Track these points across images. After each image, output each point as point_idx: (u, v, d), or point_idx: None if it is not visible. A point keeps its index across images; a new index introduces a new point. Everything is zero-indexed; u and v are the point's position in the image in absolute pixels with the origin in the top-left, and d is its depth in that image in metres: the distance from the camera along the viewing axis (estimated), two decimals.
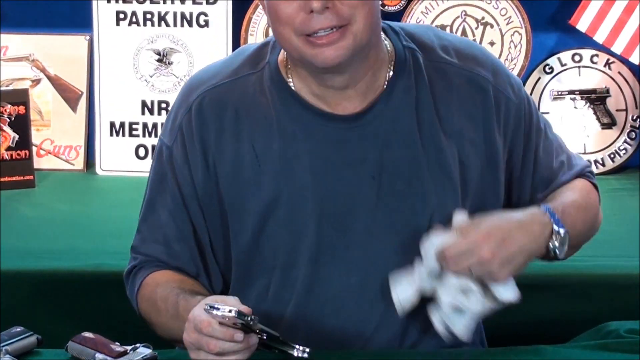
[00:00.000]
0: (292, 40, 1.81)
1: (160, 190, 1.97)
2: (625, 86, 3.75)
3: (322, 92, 1.90)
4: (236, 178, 1.92)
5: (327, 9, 1.76)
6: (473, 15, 3.66)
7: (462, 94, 1.94)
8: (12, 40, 3.76)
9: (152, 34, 3.67)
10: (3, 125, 3.53)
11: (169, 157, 1.96)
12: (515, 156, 1.99)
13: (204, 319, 1.63)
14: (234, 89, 1.94)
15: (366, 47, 1.85)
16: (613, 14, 3.51)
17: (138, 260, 1.98)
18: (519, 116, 1.98)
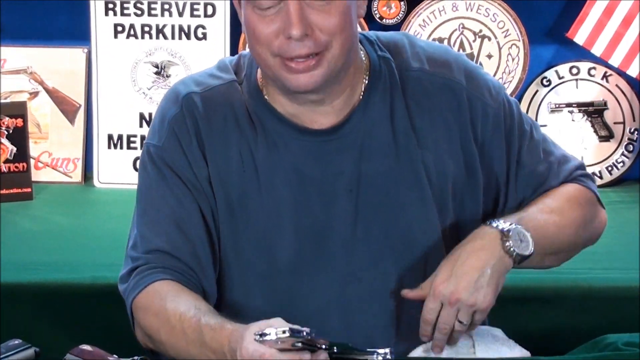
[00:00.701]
0: (268, 60, 1.82)
1: (158, 189, 1.93)
2: (623, 99, 3.76)
3: (295, 110, 1.90)
4: (224, 180, 1.91)
5: (306, 36, 1.76)
6: (471, 28, 3.67)
7: (435, 101, 1.93)
8: (11, 53, 3.77)
9: (150, 47, 3.68)
10: (1, 137, 3.53)
11: (160, 157, 1.92)
12: (497, 161, 1.97)
13: (263, 352, 1.55)
14: (221, 94, 1.94)
15: (341, 71, 1.85)
16: (610, 27, 3.52)
17: (140, 260, 1.90)
18: (497, 120, 1.96)
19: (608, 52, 3.54)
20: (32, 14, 3.81)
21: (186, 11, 3.65)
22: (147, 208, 1.94)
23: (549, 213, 1.92)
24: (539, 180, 1.99)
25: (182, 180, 1.91)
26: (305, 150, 1.89)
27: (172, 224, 1.90)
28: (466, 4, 3.66)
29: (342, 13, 1.79)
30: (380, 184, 1.90)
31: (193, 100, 1.92)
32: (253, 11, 1.79)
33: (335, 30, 1.78)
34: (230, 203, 1.92)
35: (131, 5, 3.65)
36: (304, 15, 1.75)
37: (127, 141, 3.69)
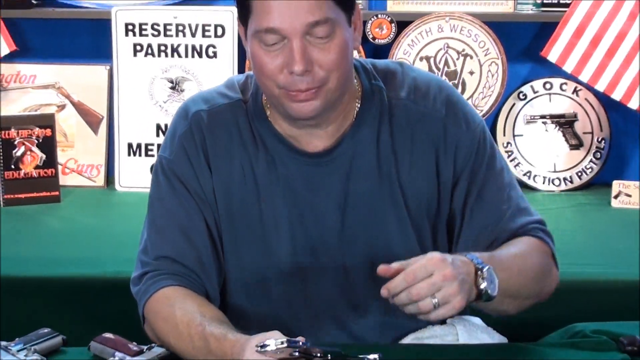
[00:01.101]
0: (273, 90, 1.81)
1: (168, 199, 1.92)
2: (592, 111, 3.76)
3: (293, 133, 1.89)
4: (226, 191, 1.91)
5: (307, 71, 1.75)
6: (455, 48, 3.67)
7: (415, 129, 1.90)
8: (40, 70, 3.78)
9: (166, 64, 3.68)
10: (32, 146, 3.53)
11: (172, 169, 1.92)
12: (459, 190, 1.92)
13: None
14: (227, 112, 1.92)
15: (337, 100, 1.84)
16: (580, 47, 3.52)
17: (149, 266, 1.90)
18: (469, 153, 1.91)
19: (578, 69, 3.54)
20: (60, 35, 3.81)
21: (198, 32, 3.65)
22: (157, 216, 1.93)
23: (512, 257, 1.85)
24: (494, 220, 1.91)
25: (189, 192, 1.90)
26: (300, 170, 1.89)
27: (179, 232, 1.89)
28: (450, 25, 3.66)
29: (339, 50, 1.78)
30: (363, 202, 1.90)
31: (201, 116, 1.91)
32: (259, 46, 1.78)
33: (333, 66, 1.77)
34: (231, 212, 1.91)
35: (149, 26, 3.65)
36: (305, 53, 1.74)
37: (145, 149, 3.69)
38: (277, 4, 1.73)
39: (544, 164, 3.76)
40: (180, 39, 3.67)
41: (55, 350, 1.89)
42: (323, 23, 1.74)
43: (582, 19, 3.52)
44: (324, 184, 1.89)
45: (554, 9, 3.66)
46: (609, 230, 3.25)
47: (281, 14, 1.73)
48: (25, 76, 3.77)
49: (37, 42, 3.81)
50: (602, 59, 3.51)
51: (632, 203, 3.50)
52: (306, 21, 1.73)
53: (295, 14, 1.73)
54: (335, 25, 1.76)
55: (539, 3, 3.69)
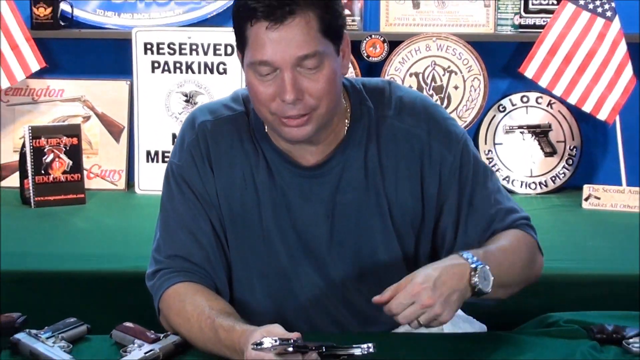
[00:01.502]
0: (267, 116, 1.80)
1: (177, 201, 1.92)
2: (564, 122, 3.76)
3: (288, 148, 1.88)
4: (230, 197, 1.90)
5: (297, 100, 1.74)
6: (441, 65, 3.67)
7: (401, 146, 1.89)
8: (67, 85, 3.78)
9: (181, 80, 3.68)
10: (60, 153, 3.53)
11: (180, 174, 1.91)
12: (449, 202, 1.91)
13: (263, 355, 1.54)
14: (230, 123, 1.92)
15: (327, 123, 1.83)
16: (554, 64, 3.52)
17: (162, 264, 1.90)
18: (454, 167, 1.89)
19: (552, 84, 3.54)
20: (85, 53, 3.82)
21: (210, 51, 3.66)
22: (168, 218, 1.93)
23: (503, 251, 1.85)
24: (487, 224, 1.91)
25: (196, 196, 1.90)
26: (294, 180, 1.88)
27: (187, 233, 1.89)
28: (437, 45, 3.66)
29: (328, 79, 1.75)
30: (351, 212, 1.89)
31: (207, 126, 1.91)
32: (254, 76, 1.77)
33: (322, 94, 1.76)
34: (233, 214, 1.90)
35: (165, 46, 3.66)
36: (296, 83, 1.73)
37: (162, 156, 3.69)
38: (270, 38, 1.71)
39: (521, 170, 3.76)
40: (193, 57, 3.67)
41: (81, 337, 1.89)
42: (312, 56, 1.73)
43: (556, 39, 3.52)
44: (314, 194, 1.89)
45: (530, 30, 3.67)
46: (579, 229, 3.25)
47: (273, 48, 1.71)
48: (54, 90, 3.77)
49: (64, 60, 3.81)
50: (574, 75, 3.51)
51: (601, 205, 3.50)
52: (296, 55, 1.72)
53: (286, 48, 1.71)
54: (323, 57, 1.74)
55: (517, 25, 3.69)
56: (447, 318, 1.68)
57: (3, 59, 3.51)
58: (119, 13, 3.77)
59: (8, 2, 3.51)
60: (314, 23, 1.72)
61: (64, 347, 1.79)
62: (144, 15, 3.77)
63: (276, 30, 1.70)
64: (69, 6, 3.72)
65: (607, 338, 1.86)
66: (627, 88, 3.49)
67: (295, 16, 1.70)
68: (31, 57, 3.56)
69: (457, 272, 1.72)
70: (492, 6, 3.72)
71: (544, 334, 1.92)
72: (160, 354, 1.77)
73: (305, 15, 1.71)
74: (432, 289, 1.66)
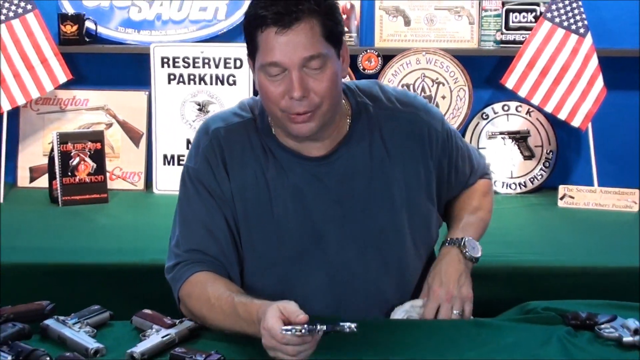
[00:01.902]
0: (276, 113, 1.82)
1: (194, 201, 1.92)
2: (542, 128, 3.76)
3: (295, 145, 1.90)
4: (243, 195, 1.91)
5: (304, 97, 1.77)
6: (430, 77, 3.67)
7: (405, 131, 1.94)
8: (92, 95, 3.78)
9: (194, 90, 3.68)
10: (85, 157, 3.53)
11: (197, 176, 1.92)
12: (442, 173, 2.02)
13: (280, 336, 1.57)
14: (240, 129, 1.93)
15: (330, 120, 1.85)
16: (532, 76, 3.52)
17: (181, 257, 1.91)
18: (444, 143, 2.00)
19: (531, 94, 3.54)
20: (108, 66, 3.81)
21: (221, 64, 3.65)
22: (186, 216, 1.94)
23: (475, 212, 2.04)
24: (465, 179, 2.11)
25: (212, 196, 1.91)
26: (304, 171, 1.89)
27: (204, 229, 1.90)
28: (426, 59, 3.66)
29: (330, 79, 1.79)
30: (358, 198, 1.91)
31: (220, 133, 1.92)
32: (265, 77, 1.79)
33: (325, 93, 1.79)
34: (247, 211, 1.91)
35: (180, 59, 3.65)
36: (302, 82, 1.76)
37: (177, 159, 3.68)
38: (279, 42, 1.74)
39: (502, 172, 3.76)
40: (206, 70, 3.66)
41: (104, 323, 1.89)
42: (316, 57, 1.76)
43: (534, 54, 3.51)
44: (322, 182, 1.90)
45: (510, 45, 3.66)
46: (555, 226, 3.25)
47: (282, 50, 1.74)
48: (80, 100, 3.77)
49: (89, 73, 3.81)
50: (550, 86, 3.51)
51: (575, 204, 3.50)
52: (302, 56, 1.75)
53: (294, 50, 1.74)
54: (326, 59, 1.78)
55: (498, 40, 3.69)
56: (469, 295, 1.94)
57: (33, 72, 3.51)
58: (139, 30, 3.77)
59: (38, 20, 3.51)
60: (317, 28, 1.75)
61: (89, 332, 1.80)
62: (161, 32, 3.77)
63: (284, 35, 1.74)
64: (93, 24, 3.72)
65: (581, 324, 1.86)
66: (599, 98, 3.49)
67: (301, 22, 1.74)
68: (59, 70, 3.55)
69: (453, 259, 1.92)
70: (476, 24, 3.72)
71: (524, 320, 1.92)
72: (176, 338, 1.77)
73: (309, 22, 1.74)
74: (443, 284, 1.90)
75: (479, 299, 2.03)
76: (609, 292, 2.39)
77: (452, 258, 1.96)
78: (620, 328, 1.81)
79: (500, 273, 2.60)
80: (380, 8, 3.74)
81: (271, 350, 1.61)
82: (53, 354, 1.67)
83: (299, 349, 1.59)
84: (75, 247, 2.87)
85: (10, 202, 3.49)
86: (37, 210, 3.40)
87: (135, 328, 1.86)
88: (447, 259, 1.97)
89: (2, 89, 3.48)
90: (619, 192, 3.48)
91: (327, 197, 1.90)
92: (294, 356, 1.59)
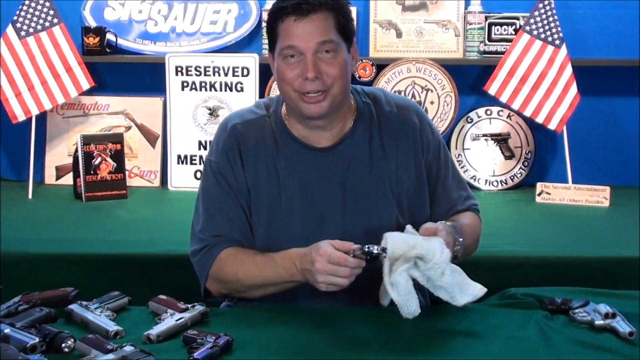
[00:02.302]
0: (291, 95, 1.86)
1: (217, 194, 1.94)
2: (521, 131, 3.76)
3: (307, 133, 1.93)
4: (256, 185, 1.93)
5: (316, 78, 1.82)
6: (419, 84, 3.67)
7: (399, 133, 1.96)
8: (112, 100, 3.77)
9: (205, 96, 3.67)
10: (106, 157, 3.52)
11: (218, 169, 1.95)
12: (431, 178, 2.00)
13: (340, 255, 1.66)
14: (255, 124, 1.96)
15: (339, 105, 1.89)
16: (512, 84, 3.51)
17: (207, 241, 1.92)
18: (436, 151, 2.00)
19: (511, 100, 3.53)
20: (127, 75, 3.81)
21: (229, 72, 3.64)
22: (209, 205, 1.96)
23: (468, 228, 1.96)
24: (451, 205, 2.03)
25: (231, 187, 1.93)
26: (311, 161, 1.91)
27: (226, 217, 1.93)
28: (416, 67, 3.65)
29: (341, 65, 1.84)
30: (358, 185, 1.92)
31: (237, 129, 1.95)
32: (283, 61, 1.85)
33: (337, 75, 1.84)
34: (259, 198, 1.93)
35: (193, 68, 3.65)
36: (316, 64, 1.81)
37: (190, 159, 3.68)
38: (297, 28, 1.81)
39: (485, 170, 3.75)
40: (216, 78, 3.66)
41: (123, 308, 1.89)
42: (329, 42, 1.82)
43: (514, 63, 3.51)
44: (328, 171, 1.92)
45: (492, 55, 3.66)
46: (533, 220, 3.24)
47: (299, 35, 1.81)
48: (101, 105, 3.77)
49: (110, 80, 3.81)
50: (529, 92, 3.51)
51: (551, 199, 3.50)
52: (316, 40, 1.81)
53: (309, 35, 1.81)
54: (338, 48, 1.84)
55: (482, 51, 3.68)
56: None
57: (59, 80, 3.51)
58: (155, 42, 3.76)
59: (63, 32, 3.51)
60: (331, 21, 1.83)
61: (109, 316, 1.80)
62: (175, 43, 3.76)
63: (301, 22, 1.81)
64: (113, 36, 3.71)
65: (556, 309, 1.87)
66: (573, 103, 3.49)
67: (317, 12, 1.81)
68: (82, 78, 3.55)
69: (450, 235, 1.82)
70: (461, 36, 3.71)
71: (504, 305, 1.93)
72: (189, 321, 1.77)
73: (324, 14, 1.83)
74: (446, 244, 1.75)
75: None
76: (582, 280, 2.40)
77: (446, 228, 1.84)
78: (592, 312, 1.81)
79: (484, 263, 2.59)
80: (374, 21, 3.73)
81: (322, 275, 1.67)
82: (77, 336, 1.67)
83: (353, 271, 1.67)
84: (97, 239, 2.86)
85: (38, 198, 3.50)
86: (63, 205, 3.40)
87: (151, 312, 1.86)
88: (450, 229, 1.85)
89: (30, 95, 3.49)
90: (591, 189, 3.48)
91: (331, 182, 1.92)
92: (346, 278, 1.67)
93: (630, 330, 1.73)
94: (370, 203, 1.93)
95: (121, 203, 3.45)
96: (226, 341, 1.64)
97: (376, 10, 3.73)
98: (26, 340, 1.63)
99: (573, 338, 1.73)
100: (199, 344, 1.63)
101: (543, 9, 3.50)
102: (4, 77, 3.47)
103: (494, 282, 2.36)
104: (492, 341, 1.71)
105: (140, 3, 3.76)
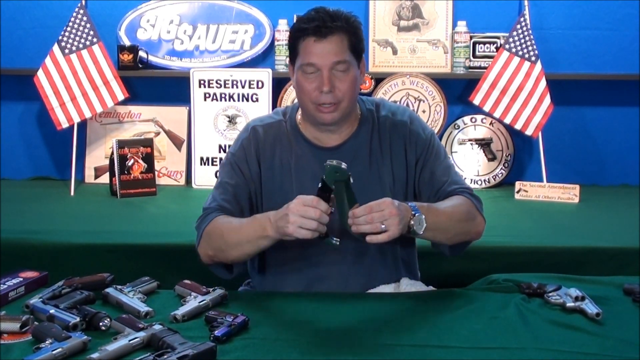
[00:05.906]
0: (308, 105, 1.88)
1: (228, 177, 1.96)
2: (502, 136, 3.75)
3: (318, 135, 1.95)
4: (271, 178, 1.95)
5: (330, 91, 1.84)
6: (412, 95, 3.66)
7: (393, 134, 1.96)
8: (143, 109, 3.78)
9: (225, 106, 3.67)
10: (138, 159, 3.53)
11: (234, 159, 1.97)
12: (422, 171, 1.96)
13: (313, 197, 1.66)
14: (273, 127, 1.98)
15: (348, 115, 1.91)
16: (494, 95, 3.51)
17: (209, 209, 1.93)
18: (426, 148, 1.97)
19: (493, 109, 3.53)
20: (157, 87, 3.81)
21: (246, 85, 3.64)
22: (220, 184, 1.98)
23: (444, 206, 1.86)
24: (437, 188, 1.94)
25: (242, 173, 1.95)
26: (319, 158, 1.89)
27: (232, 195, 1.94)
28: (410, 81, 3.65)
29: (351, 81, 1.86)
30: (358, 178, 1.88)
31: (257, 129, 1.98)
32: (302, 75, 1.87)
33: (347, 90, 1.86)
34: (272, 189, 1.95)
35: (214, 81, 3.65)
36: (330, 80, 1.84)
37: (211, 161, 3.68)
38: (316, 48, 1.83)
39: (471, 171, 3.75)
40: (234, 90, 3.66)
41: (152, 291, 1.90)
42: (343, 62, 1.84)
43: (495, 77, 3.51)
44: None
45: (477, 70, 3.65)
46: (512, 214, 3.24)
47: (317, 54, 1.83)
48: (134, 114, 3.77)
49: (141, 92, 3.81)
50: (509, 102, 3.50)
51: (528, 196, 3.49)
52: (333, 60, 1.84)
53: (327, 55, 1.83)
54: (350, 66, 1.85)
55: (467, 66, 3.68)
56: (396, 232, 1.68)
57: (98, 91, 3.52)
58: (181, 58, 3.77)
59: (102, 50, 3.51)
60: (346, 42, 1.84)
61: (141, 298, 1.80)
62: (199, 59, 3.76)
63: (320, 43, 1.83)
64: (145, 53, 3.72)
65: (533, 292, 1.86)
66: (547, 112, 3.49)
67: (334, 35, 1.83)
68: (118, 90, 3.56)
69: (405, 209, 1.73)
70: (449, 53, 3.71)
71: (487, 290, 1.92)
72: (210, 302, 1.77)
73: (340, 35, 1.84)
74: (397, 207, 1.69)
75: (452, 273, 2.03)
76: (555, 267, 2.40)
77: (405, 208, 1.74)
78: (564, 295, 1.81)
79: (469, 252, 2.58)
80: (373, 40, 3.73)
81: (294, 215, 1.65)
82: (112, 316, 1.67)
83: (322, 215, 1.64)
84: (130, 230, 2.87)
85: (79, 195, 3.51)
86: (100, 201, 3.40)
87: (177, 295, 1.86)
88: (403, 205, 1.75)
89: (73, 105, 3.50)
90: (563, 187, 3.47)
91: None
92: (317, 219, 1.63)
93: (597, 312, 1.72)
94: (369, 193, 1.90)
95: (151, 199, 3.46)
96: (243, 320, 1.64)
97: (375, 31, 3.73)
98: (68, 319, 1.64)
99: (547, 318, 1.73)
100: (219, 323, 1.63)
101: (521, 29, 3.50)
102: (50, 89, 3.48)
103: (477, 269, 2.36)
104: (477, 321, 1.70)
105: (169, 24, 3.77)
